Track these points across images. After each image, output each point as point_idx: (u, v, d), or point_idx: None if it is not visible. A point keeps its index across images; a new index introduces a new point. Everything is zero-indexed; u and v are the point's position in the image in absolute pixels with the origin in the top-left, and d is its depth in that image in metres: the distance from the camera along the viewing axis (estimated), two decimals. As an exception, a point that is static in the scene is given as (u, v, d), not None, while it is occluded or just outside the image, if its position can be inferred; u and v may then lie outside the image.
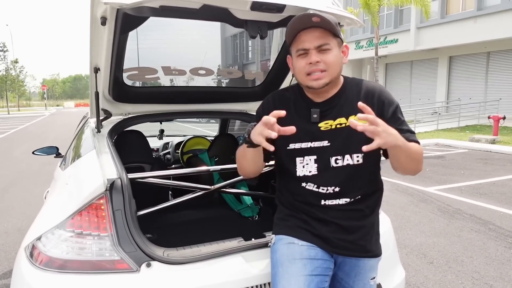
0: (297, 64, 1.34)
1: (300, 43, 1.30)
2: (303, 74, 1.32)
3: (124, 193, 1.48)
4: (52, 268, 1.36)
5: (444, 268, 3.22)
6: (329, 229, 1.40)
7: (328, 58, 1.29)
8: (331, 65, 1.30)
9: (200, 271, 1.43)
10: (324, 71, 1.30)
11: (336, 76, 1.34)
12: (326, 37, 1.29)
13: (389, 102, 1.37)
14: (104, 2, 1.25)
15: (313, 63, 1.29)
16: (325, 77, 1.30)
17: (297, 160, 1.39)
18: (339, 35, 1.32)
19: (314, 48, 1.29)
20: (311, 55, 1.29)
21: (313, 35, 1.28)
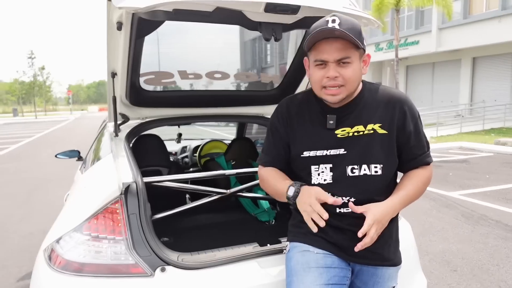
0: (314, 74, 1.28)
1: (318, 53, 1.24)
2: (318, 85, 1.28)
3: (139, 197, 1.48)
4: (69, 271, 1.38)
5: (468, 276, 3.10)
6: (345, 237, 1.35)
7: (347, 73, 1.23)
8: (349, 80, 1.24)
9: (214, 277, 1.42)
10: (341, 86, 1.24)
11: (353, 90, 1.30)
12: (347, 49, 1.21)
13: (411, 114, 1.33)
14: (118, 6, 1.26)
15: (331, 78, 1.23)
16: (341, 93, 1.25)
17: (312, 168, 1.35)
18: (362, 47, 1.24)
19: (334, 61, 1.22)
20: (329, 69, 1.23)
21: (334, 46, 1.21)
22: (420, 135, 1.35)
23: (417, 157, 1.35)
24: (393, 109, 1.31)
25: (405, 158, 1.36)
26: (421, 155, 1.36)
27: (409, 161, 1.36)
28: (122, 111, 2.19)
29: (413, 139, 1.33)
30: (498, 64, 17.59)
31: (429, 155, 1.38)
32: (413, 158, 1.36)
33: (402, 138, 1.32)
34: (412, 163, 1.36)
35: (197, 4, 1.27)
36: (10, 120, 34.39)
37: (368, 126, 1.31)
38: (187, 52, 2.32)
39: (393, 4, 13.70)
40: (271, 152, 1.44)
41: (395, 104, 1.32)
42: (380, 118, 1.31)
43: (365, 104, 1.33)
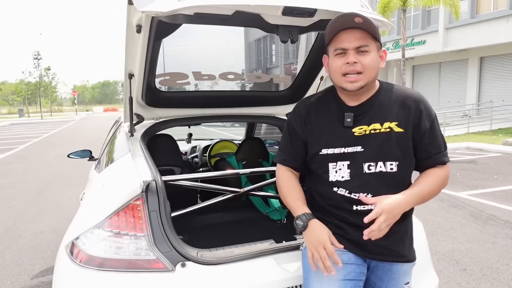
0: (333, 63, 1.33)
1: (339, 42, 1.29)
2: (339, 74, 1.32)
3: (159, 194, 1.53)
4: (92, 266, 1.42)
5: (478, 275, 3.12)
6: (361, 234, 1.36)
7: (365, 60, 1.28)
8: (368, 67, 1.28)
9: (233, 272, 1.45)
10: (360, 73, 1.29)
11: (372, 80, 1.33)
12: (366, 39, 1.28)
13: (427, 113, 1.36)
14: (141, 10, 1.30)
15: (350, 63, 1.28)
16: (360, 80, 1.29)
17: (329, 165, 1.38)
18: (379, 39, 1.30)
19: (353, 49, 1.28)
20: (349, 55, 1.28)
21: (353, 35, 1.27)
22: (436, 134, 1.37)
23: (432, 155, 1.38)
24: (409, 108, 1.34)
25: (420, 156, 1.38)
26: (437, 154, 1.37)
27: (424, 159, 1.38)
28: (137, 112, 2.24)
29: (428, 138, 1.36)
30: (506, 63, 17.47)
31: (445, 154, 1.39)
32: (428, 156, 1.38)
33: (418, 137, 1.35)
34: (427, 162, 1.38)
35: (217, 8, 1.31)
36: (16, 121, 34.71)
37: (384, 124, 1.34)
38: (201, 54, 2.36)
39: (400, 4, 13.66)
40: (288, 151, 1.48)
41: (411, 103, 1.35)
42: (397, 117, 1.34)
43: (382, 103, 1.36)
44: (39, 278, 3.22)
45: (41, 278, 3.21)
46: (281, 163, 1.50)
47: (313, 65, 2.28)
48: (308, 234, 1.34)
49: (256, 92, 2.67)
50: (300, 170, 1.50)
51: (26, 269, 3.38)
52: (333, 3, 1.43)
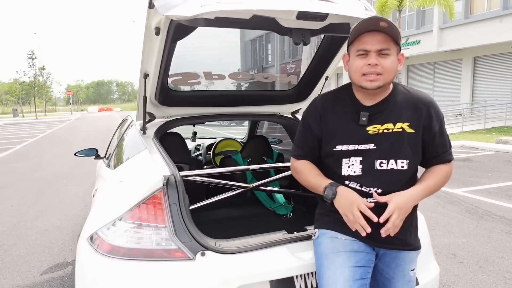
0: (354, 63, 1.40)
1: (362, 44, 1.36)
2: (359, 73, 1.39)
3: (178, 188, 1.61)
4: (116, 255, 1.50)
5: (474, 267, 3.24)
6: (371, 225, 1.46)
7: (386, 62, 1.35)
8: (387, 70, 1.36)
9: (249, 260, 1.55)
10: (379, 75, 1.36)
11: (389, 82, 1.41)
12: (388, 42, 1.35)
13: (437, 116, 1.46)
14: (165, 15, 1.38)
15: (372, 65, 1.35)
16: (379, 80, 1.37)
17: (343, 160, 1.46)
18: (399, 43, 1.38)
19: (375, 51, 1.34)
20: (370, 57, 1.35)
21: (376, 38, 1.34)
22: (444, 135, 1.49)
23: (440, 154, 1.49)
24: (420, 110, 1.44)
25: (429, 155, 1.49)
26: (444, 153, 1.49)
27: (433, 158, 1.50)
28: (150, 110, 2.32)
29: (437, 139, 1.47)
30: (499, 63, 17.72)
31: (451, 153, 1.52)
32: (436, 155, 1.49)
33: (428, 137, 1.45)
34: (435, 160, 1.50)
35: (236, 12, 1.40)
36: (10, 121, 34.48)
37: (397, 125, 1.43)
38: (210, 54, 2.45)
39: (396, 5, 13.83)
40: (303, 146, 1.56)
41: (422, 106, 1.44)
42: (409, 118, 1.43)
43: (395, 104, 1.45)
44: (48, 274, 3.28)
45: (50, 274, 3.27)
46: (295, 157, 1.58)
47: (318, 65, 2.38)
48: (339, 200, 1.41)
49: (262, 91, 2.76)
50: (315, 164, 1.57)
51: (35, 266, 3.44)
52: (342, 8, 1.52)
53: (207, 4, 1.35)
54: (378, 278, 1.56)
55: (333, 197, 1.42)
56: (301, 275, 1.60)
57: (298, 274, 1.59)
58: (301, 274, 1.60)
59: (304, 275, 1.61)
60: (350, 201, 1.39)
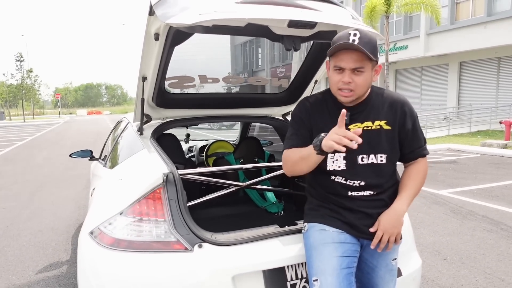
0: (332, 77, 1.51)
1: (338, 61, 1.46)
2: (335, 87, 1.51)
3: (176, 185, 1.71)
4: (119, 247, 1.59)
5: (457, 264, 3.39)
6: (356, 217, 1.60)
7: (359, 80, 1.46)
8: (359, 86, 1.47)
9: (244, 252, 1.65)
10: (352, 91, 1.48)
11: (362, 94, 1.53)
12: (362, 61, 1.43)
13: (410, 114, 1.59)
14: (166, 22, 1.49)
15: (345, 82, 1.46)
16: (352, 96, 1.50)
17: (328, 156, 1.58)
18: (376, 59, 1.46)
19: (349, 69, 1.44)
20: (345, 75, 1.45)
21: (352, 57, 1.42)
22: (418, 132, 1.63)
23: (415, 149, 1.63)
24: (395, 110, 1.58)
25: (405, 150, 1.63)
26: (418, 148, 1.63)
27: (409, 153, 1.64)
28: (146, 112, 2.41)
29: (411, 135, 1.60)
30: (484, 68, 18.19)
31: (425, 148, 1.66)
32: (411, 150, 1.63)
33: (403, 134, 1.60)
34: (411, 155, 1.64)
35: (232, 20, 1.51)
36: (-2, 124, 34.01)
37: (375, 123, 1.57)
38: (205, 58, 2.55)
39: (384, 11, 14.13)
40: (294, 138, 1.62)
41: (397, 105, 1.59)
42: (385, 116, 1.58)
43: (373, 104, 1.58)
44: (43, 273, 3.33)
45: (45, 273, 3.32)
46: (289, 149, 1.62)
47: (308, 70, 2.51)
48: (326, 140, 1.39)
49: (255, 94, 2.87)
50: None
51: (30, 265, 3.49)
52: (330, 17, 1.65)
53: (205, 13, 1.46)
54: (363, 267, 1.68)
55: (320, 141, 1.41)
56: (292, 265, 1.72)
57: (289, 264, 1.70)
58: (292, 265, 1.71)
59: (295, 266, 1.72)
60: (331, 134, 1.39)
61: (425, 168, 1.66)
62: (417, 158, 1.65)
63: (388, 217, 1.56)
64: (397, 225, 1.56)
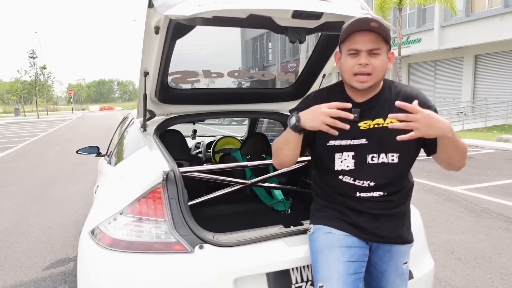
0: (346, 62, 1.41)
1: (353, 43, 1.37)
2: (350, 73, 1.40)
3: (177, 183, 1.65)
4: (118, 248, 1.55)
5: (472, 264, 3.27)
6: (364, 219, 1.51)
7: (376, 62, 1.37)
8: (377, 69, 1.38)
9: (246, 253, 1.59)
10: (369, 75, 1.38)
11: (380, 80, 1.43)
12: (378, 42, 1.36)
13: (426, 105, 1.41)
14: (164, 14, 1.42)
15: (362, 65, 1.36)
16: (369, 81, 1.39)
17: (336, 155, 1.50)
18: (390, 42, 1.39)
19: (366, 51, 1.36)
20: (361, 57, 1.36)
21: (367, 38, 1.35)
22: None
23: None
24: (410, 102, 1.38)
25: (427, 141, 1.42)
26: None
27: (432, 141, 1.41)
28: (150, 108, 2.36)
29: None
30: (500, 61, 17.71)
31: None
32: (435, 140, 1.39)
33: None
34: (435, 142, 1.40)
35: (233, 11, 1.44)
36: (12, 120, 34.60)
37: (387, 120, 1.44)
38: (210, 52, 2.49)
39: (396, 2, 13.83)
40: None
41: (411, 98, 1.42)
42: (398, 112, 1.41)
43: (385, 99, 1.47)
44: (50, 269, 3.33)
45: (52, 270, 3.32)
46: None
47: (315, 63, 2.42)
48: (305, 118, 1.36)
49: (261, 89, 2.80)
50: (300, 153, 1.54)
51: (37, 262, 3.49)
52: (337, 7, 1.56)
53: (204, 4, 1.39)
54: (372, 271, 1.60)
55: (297, 118, 1.37)
56: (297, 267, 1.64)
57: (294, 266, 1.63)
58: (297, 267, 1.64)
59: (300, 268, 1.65)
60: (312, 110, 1.36)
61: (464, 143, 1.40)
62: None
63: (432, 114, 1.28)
64: (435, 124, 1.26)
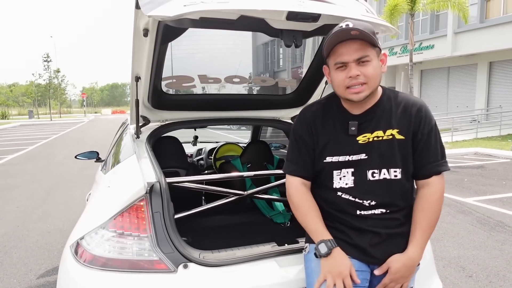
0: (335, 77, 1.31)
1: (338, 56, 1.27)
2: (342, 87, 1.30)
3: (162, 196, 1.54)
4: (96, 265, 1.44)
5: (484, 282, 3.09)
6: (365, 239, 1.38)
7: (368, 70, 1.26)
8: (371, 77, 1.27)
9: (235, 274, 1.46)
10: (364, 84, 1.27)
11: (376, 88, 1.33)
12: (365, 48, 1.25)
13: (427, 120, 1.34)
14: (148, 15, 1.32)
15: (353, 77, 1.26)
16: (365, 90, 1.28)
17: (334, 172, 1.38)
18: (377, 45, 1.29)
19: (354, 61, 1.26)
20: (350, 68, 1.26)
21: (352, 47, 1.25)
22: (432, 142, 1.35)
23: (427, 164, 1.35)
24: (410, 115, 1.34)
25: (416, 164, 1.37)
26: (432, 163, 1.35)
27: (420, 167, 1.37)
28: (143, 114, 2.27)
29: (424, 145, 1.34)
30: (515, 69, 17.30)
31: (441, 164, 1.36)
32: (422, 165, 1.36)
33: (415, 143, 1.35)
34: (422, 170, 1.37)
35: (222, 13, 1.33)
36: (26, 122, 35.10)
37: (387, 132, 1.34)
38: (206, 57, 2.39)
39: (408, 8, 13.62)
40: (297, 161, 1.44)
41: (412, 110, 1.35)
42: (398, 124, 1.35)
43: (384, 110, 1.36)
44: (45, 277, 3.25)
45: (47, 278, 3.24)
46: (290, 173, 1.45)
47: (318, 69, 2.29)
48: (330, 263, 1.31)
49: (261, 96, 2.69)
50: (311, 179, 1.46)
51: (33, 269, 3.42)
52: (336, 9, 1.44)
53: (190, 4, 1.28)
54: (373, 296, 1.46)
55: (325, 255, 1.32)
56: None
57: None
58: (290, 290, 1.51)
59: (294, 291, 1.52)
60: (338, 270, 1.30)
61: (439, 193, 1.36)
62: (430, 176, 1.36)
63: (401, 265, 1.33)
64: (409, 275, 1.36)
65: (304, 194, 1.42)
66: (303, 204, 1.41)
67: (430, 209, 1.36)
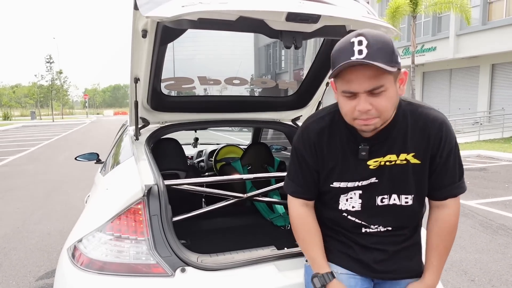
0: (343, 104, 1.13)
1: (346, 84, 1.07)
2: (349, 117, 1.14)
3: (160, 199, 1.52)
4: (92, 269, 1.42)
5: (486, 286, 3.05)
6: (370, 256, 1.32)
7: (381, 103, 1.07)
8: (384, 110, 1.09)
9: (233, 278, 1.44)
10: (375, 118, 1.10)
11: (390, 116, 1.15)
12: (379, 76, 1.04)
13: (447, 140, 1.20)
14: (145, 15, 1.31)
15: (362, 112, 1.08)
16: (376, 124, 1.12)
17: (341, 196, 1.30)
18: (398, 67, 1.07)
19: (365, 92, 1.06)
20: (360, 100, 1.07)
21: (364, 75, 1.04)
22: (451, 164, 1.23)
23: (443, 187, 1.26)
24: (428, 136, 1.20)
25: (431, 186, 1.28)
26: (449, 185, 1.26)
27: (435, 190, 1.28)
28: (142, 115, 2.25)
29: (443, 168, 1.24)
30: (518, 71, 17.25)
31: (459, 186, 1.27)
32: (438, 188, 1.27)
33: (432, 167, 1.25)
34: (439, 193, 1.28)
35: (220, 13, 1.31)
36: (28, 123, 35.17)
37: (400, 156, 1.22)
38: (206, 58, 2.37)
39: (409, 11, 13.61)
40: (299, 181, 1.34)
41: (431, 130, 1.20)
42: (414, 146, 1.22)
43: (399, 131, 1.21)
44: (43, 280, 3.24)
45: (45, 280, 3.23)
46: (292, 195, 1.36)
47: (318, 71, 2.28)
48: None
49: (261, 97, 2.67)
50: (315, 198, 1.38)
51: (32, 271, 3.40)
52: (337, 10, 1.42)
53: (189, 5, 1.26)
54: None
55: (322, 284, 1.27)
56: None
57: (286, 294, 1.48)
58: (289, 295, 1.49)
59: (293, 295, 1.49)
60: None
61: (455, 218, 1.27)
62: (446, 199, 1.26)
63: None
64: None
65: (305, 218, 1.34)
66: (303, 228, 1.34)
67: (447, 235, 1.28)
